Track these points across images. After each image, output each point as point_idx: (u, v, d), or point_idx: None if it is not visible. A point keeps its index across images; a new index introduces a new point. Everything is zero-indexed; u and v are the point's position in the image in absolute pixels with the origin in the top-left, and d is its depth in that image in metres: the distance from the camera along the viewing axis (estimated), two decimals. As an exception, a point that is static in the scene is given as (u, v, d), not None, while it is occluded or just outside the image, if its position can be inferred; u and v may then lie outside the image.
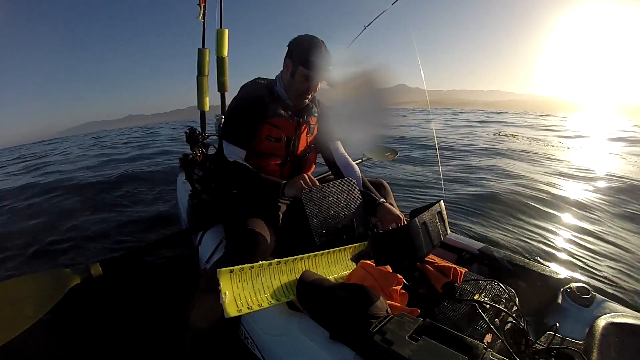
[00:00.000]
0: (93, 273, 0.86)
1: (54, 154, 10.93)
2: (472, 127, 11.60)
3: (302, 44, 1.10)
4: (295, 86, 1.13)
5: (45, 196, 3.88)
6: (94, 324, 1.35)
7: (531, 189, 3.14)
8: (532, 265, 1.04)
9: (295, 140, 1.21)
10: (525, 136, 8.79)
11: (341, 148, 1.30)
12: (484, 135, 8.65)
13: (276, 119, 1.15)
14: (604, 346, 0.74)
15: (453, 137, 5.79)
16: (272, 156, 1.19)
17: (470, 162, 4.76)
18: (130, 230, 2.49)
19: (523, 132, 9.88)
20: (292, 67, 1.11)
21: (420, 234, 0.81)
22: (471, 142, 6.99)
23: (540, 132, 10.27)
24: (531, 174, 3.94)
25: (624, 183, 3.58)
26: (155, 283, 1.59)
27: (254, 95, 1.15)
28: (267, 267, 0.77)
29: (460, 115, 16.03)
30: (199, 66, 2.09)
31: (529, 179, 3.61)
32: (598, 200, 2.97)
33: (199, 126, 2.13)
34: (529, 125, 13.11)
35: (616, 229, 2.39)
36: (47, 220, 2.85)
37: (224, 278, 0.67)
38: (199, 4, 2.05)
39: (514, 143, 7.24)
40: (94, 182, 4.33)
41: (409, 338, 0.60)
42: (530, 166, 4.59)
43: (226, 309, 0.64)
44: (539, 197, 2.94)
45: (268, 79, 1.23)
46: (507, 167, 4.40)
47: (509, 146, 6.56)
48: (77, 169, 6.04)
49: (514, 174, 3.93)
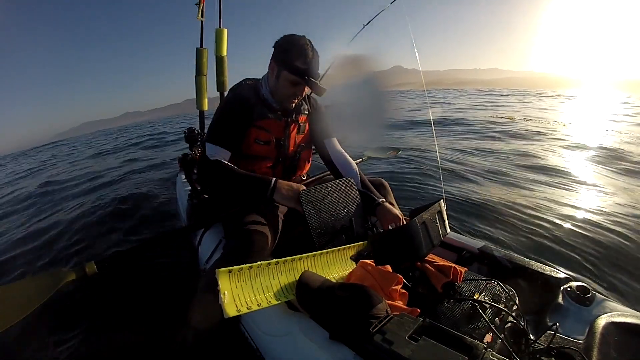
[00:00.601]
0: (88, 271, 0.85)
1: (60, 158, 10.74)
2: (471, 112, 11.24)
3: (287, 45, 1.05)
4: (280, 90, 1.10)
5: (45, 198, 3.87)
6: (93, 324, 1.35)
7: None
8: (532, 265, 1.04)
9: (285, 141, 1.19)
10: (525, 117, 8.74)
11: (337, 145, 1.29)
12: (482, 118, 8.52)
13: (263, 122, 1.12)
14: (604, 345, 0.74)
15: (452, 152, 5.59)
16: (263, 159, 1.17)
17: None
18: (131, 231, 2.48)
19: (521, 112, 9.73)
20: (277, 70, 1.07)
21: (420, 234, 0.81)
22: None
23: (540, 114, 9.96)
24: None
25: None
26: (156, 283, 1.59)
27: (240, 97, 1.12)
28: (265, 267, 0.76)
29: (458, 99, 15.60)
30: (198, 66, 2.08)
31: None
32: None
33: (198, 122, 2.13)
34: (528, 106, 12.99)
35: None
36: (47, 221, 2.85)
37: (223, 278, 0.67)
38: (198, 4, 2.04)
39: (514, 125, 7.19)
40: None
41: (409, 338, 0.60)
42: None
43: (225, 309, 0.64)
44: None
45: (255, 79, 1.20)
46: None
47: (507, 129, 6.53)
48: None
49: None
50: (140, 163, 5.90)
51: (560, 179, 3.19)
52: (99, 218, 2.75)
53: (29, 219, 3.15)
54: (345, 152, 1.29)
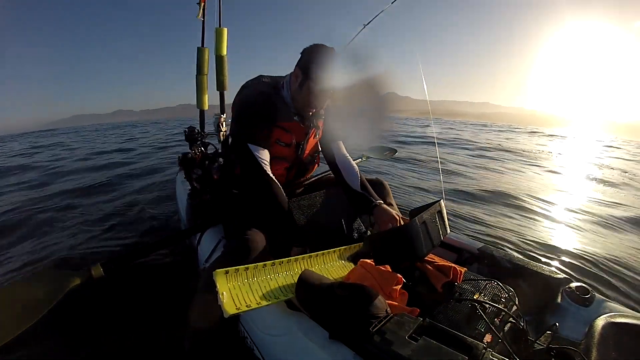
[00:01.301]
0: (94, 274, 0.86)
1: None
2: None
3: (315, 56, 1.03)
4: (302, 98, 1.09)
5: (47, 195, 3.86)
6: (93, 324, 1.35)
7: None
8: (531, 265, 1.04)
9: (304, 145, 1.21)
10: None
11: (343, 149, 1.30)
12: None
13: (288, 124, 1.12)
14: (604, 346, 0.74)
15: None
16: (280, 160, 1.18)
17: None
18: (131, 231, 2.48)
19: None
20: (301, 78, 1.06)
21: (420, 234, 0.81)
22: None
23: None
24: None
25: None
26: (155, 283, 1.58)
27: (264, 95, 1.11)
28: (262, 268, 0.77)
29: (451, 131, 14.96)
30: (198, 65, 2.08)
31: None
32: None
33: (198, 125, 2.12)
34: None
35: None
36: (48, 222, 2.83)
37: (220, 279, 0.67)
38: (199, 3, 2.04)
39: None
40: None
41: (409, 338, 0.60)
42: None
43: (225, 308, 0.64)
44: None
45: (271, 77, 1.20)
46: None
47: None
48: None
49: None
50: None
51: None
52: (99, 218, 2.75)
53: (29, 217, 3.13)
54: (349, 156, 1.30)
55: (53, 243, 2.35)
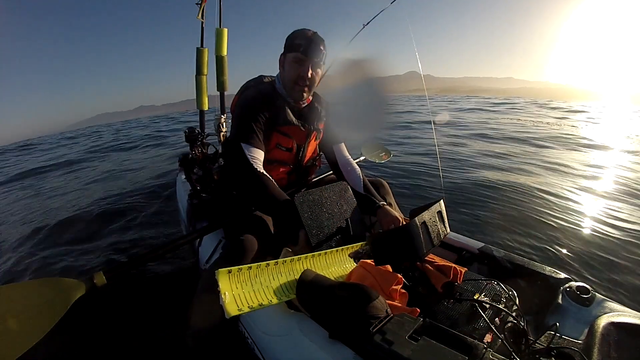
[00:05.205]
0: (97, 282, 0.85)
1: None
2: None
3: (291, 34, 1.09)
4: (287, 76, 1.10)
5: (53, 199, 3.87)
6: (93, 323, 1.35)
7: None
8: (532, 265, 1.04)
9: (304, 148, 1.21)
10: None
11: (344, 150, 1.30)
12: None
13: (287, 127, 1.13)
14: (604, 345, 0.74)
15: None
16: (280, 164, 1.18)
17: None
18: (131, 231, 2.48)
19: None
20: (283, 58, 1.10)
21: (420, 234, 0.81)
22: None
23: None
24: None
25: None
26: (156, 283, 1.59)
27: (265, 97, 1.11)
28: (265, 267, 0.77)
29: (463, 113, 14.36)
30: (198, 65, 2.08)
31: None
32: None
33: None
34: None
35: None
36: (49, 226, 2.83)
37: (223, 279, 0.67)
38: (199, 3, 2.04)
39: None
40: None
41: (409, 338, 0.60)
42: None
43: (226, 308, 0.64)
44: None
45: (272, 77, 1.21)
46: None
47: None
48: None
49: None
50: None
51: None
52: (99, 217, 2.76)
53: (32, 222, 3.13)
54: (351, 158, 1.30)
55: (60, 240, 2.36)
